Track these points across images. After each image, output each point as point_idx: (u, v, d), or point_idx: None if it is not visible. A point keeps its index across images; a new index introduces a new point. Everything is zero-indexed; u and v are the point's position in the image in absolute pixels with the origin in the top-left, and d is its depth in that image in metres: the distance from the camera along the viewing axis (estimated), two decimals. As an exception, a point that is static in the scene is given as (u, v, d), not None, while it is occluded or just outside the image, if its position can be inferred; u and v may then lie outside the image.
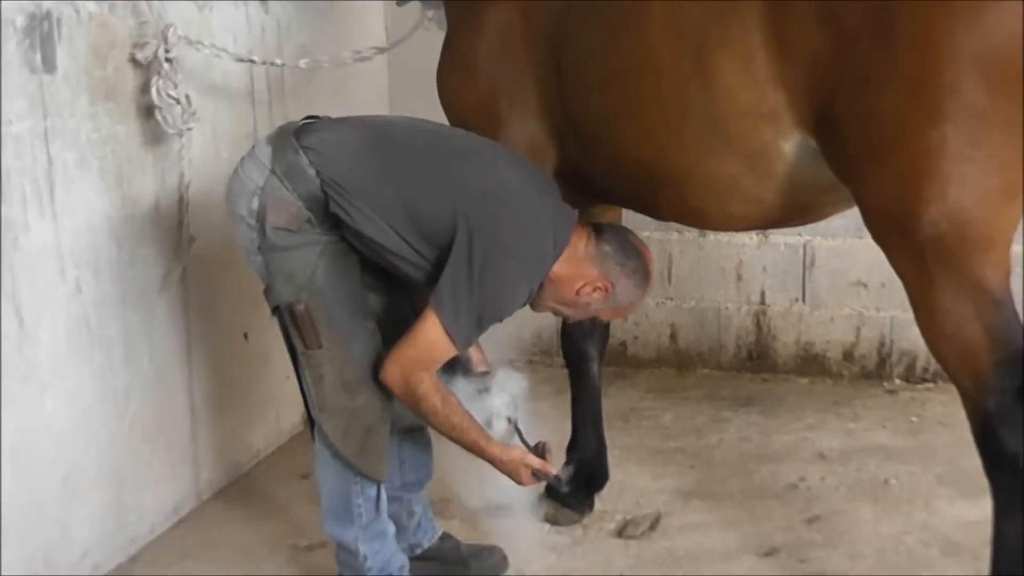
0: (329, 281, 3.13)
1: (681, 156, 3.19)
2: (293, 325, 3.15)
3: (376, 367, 3.16)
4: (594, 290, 3.21)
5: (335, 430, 3.21)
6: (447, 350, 3.10)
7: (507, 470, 3.22)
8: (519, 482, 3.25)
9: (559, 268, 3.18)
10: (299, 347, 3.18)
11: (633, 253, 3.25)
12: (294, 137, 3.12)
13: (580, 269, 3.20)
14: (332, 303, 3.13)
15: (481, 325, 3.11)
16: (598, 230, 3.26)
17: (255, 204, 3.11)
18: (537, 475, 3.25)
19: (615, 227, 3.36)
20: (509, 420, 3.33)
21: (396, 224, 3.07)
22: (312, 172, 3.07)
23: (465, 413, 3.17)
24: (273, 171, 3.09)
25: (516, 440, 3.31)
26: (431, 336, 3.06)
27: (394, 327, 3.20)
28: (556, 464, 3.43)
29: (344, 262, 3.15)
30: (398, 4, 4.59)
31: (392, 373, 3.11)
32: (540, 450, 3.29)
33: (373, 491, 3.30)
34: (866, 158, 2.83)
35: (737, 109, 3.03)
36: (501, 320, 3.16)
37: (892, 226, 2.85)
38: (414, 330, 3.09)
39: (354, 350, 3.17)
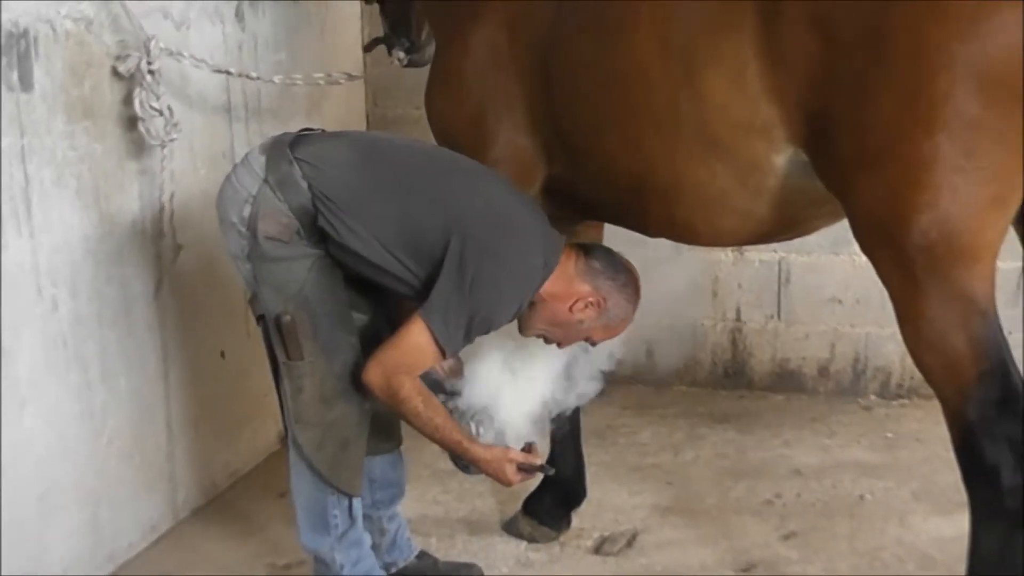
0: (317, 294, 3.14)
1: (671, 169, 3.17)
2: (278, 336, 3.17)
3: (356, 381, 3.17)
4: (587, 306, 3.21)
5: (310, 442, 3.23)
6: (432, 356, 3.10)
7: (491, 469, 3.20)
8: (506, 481, 3.23)
9: (551, 286, 3.18)
10: (281, 358, 3.19)
11: (622, 268, 3.27)
12: (289, 148, 3.13)
13: (571, 286, 3.20)
14: (318, 316, 3.15)
15: (469, 335, 3.11)
16: (586, 249, 3.28)
17: (247, 212, 3.12)
18: (523, 469, 3.23)
19: (601, 247, 3.38)
20: (481, 424, 3.33)
21: (385, 238, 3.09)
22: (304, 185, 3.08)
23: (448, 414, 3.19)
24: (266, 181, 3.10)
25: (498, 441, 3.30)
26: (418, 341, 3.07)
27: (372, 343, 3.20)
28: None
29: (331, 277, 3.16)
30: (365, 51, 4.61)
31: (374, 374, 3.11)
32: (527, 449, 3.29)
33: (347, 501, 3.31)
34: (858, 167, 2.82)
35: (729, 123, 3.02)
36: (488, 332, 3.17)
37: (882, 235, 2.84)
38: (400, 334, 3.10)
39: (335, 364, 3.18)
